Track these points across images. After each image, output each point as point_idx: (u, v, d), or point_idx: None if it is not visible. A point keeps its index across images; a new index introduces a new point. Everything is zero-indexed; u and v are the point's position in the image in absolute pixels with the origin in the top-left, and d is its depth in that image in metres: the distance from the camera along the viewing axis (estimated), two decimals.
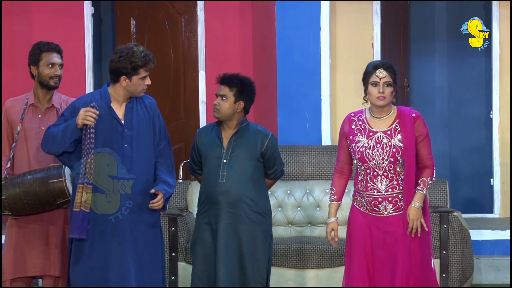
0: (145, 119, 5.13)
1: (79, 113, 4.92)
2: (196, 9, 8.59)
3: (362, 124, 4.95)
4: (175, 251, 6.55)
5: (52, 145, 5.01)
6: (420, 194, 4.83)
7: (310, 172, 7.14)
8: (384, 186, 4.86)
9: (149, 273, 5.12)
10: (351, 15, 8.15)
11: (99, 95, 5.11)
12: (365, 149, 4.88)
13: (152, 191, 5.05)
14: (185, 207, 6.98)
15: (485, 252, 7.37)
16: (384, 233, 4.87)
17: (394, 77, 4.89)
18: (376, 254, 4.88)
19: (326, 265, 6.54)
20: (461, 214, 6.75)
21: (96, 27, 8.91)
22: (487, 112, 8.68)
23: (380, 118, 4.92)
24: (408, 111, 4.90)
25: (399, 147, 4.82)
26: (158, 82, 8.68)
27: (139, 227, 5.07)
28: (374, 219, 4.88)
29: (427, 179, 4.86)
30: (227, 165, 5.28)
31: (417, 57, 9.80)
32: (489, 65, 8.48)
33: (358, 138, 4.92)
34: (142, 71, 5.03)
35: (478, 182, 9.25)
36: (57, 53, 5.47)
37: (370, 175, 4.88)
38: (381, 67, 4.88)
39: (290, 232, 7.01)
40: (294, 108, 7.75)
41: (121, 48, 5.08)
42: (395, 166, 4.84)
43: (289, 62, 7.78)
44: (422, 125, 4.88)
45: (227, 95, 5.29)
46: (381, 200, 4.86)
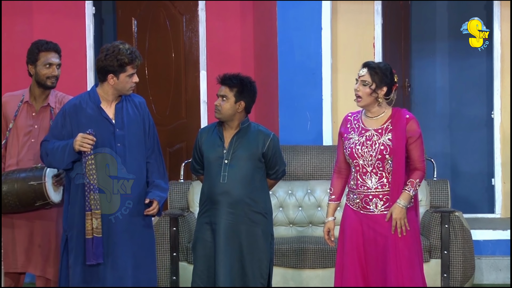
0: (136, 118, 5.14)
1: (76, 138, 4.94)
2: (197, 9, 8.59)
3: (356, 123, 5.01)
4: (176, 251, 6.55)
5: (52, 161, 5.05)
6: (406, 194, 4.86)
7: (311, 172, 7.14)
8: (373, 183, 4.91)
9: (146, 272, 5.13)
10: (352, 15, 8.15)
11: (88, 96, 5.11)
12: (355, 145, 4.95)
13: (147, 201, 5.09)
14: (186, 207, 6.98)
15: (487, 252, 7.37)
16: (375, 232, 4.91)
17: (377, 78, 4.90)
18: (367, 252, 4.93)
19: (327, 265, 6.54)
20: (463, 214, 6.75)
21: (97, 27, 8.90)
22: (488, 112, 8.67)
23: (372, 118, 4.97)
24: (402, 112, 4.94)
25: (387, 145, 4.87)
26: (159, 82, 8.70)
27: (134, 225, 5.09)
28: (365, 218, 4.93)
29: (415, 181, 4.89)
30: (228, 165, 5.27)
31: (418, 57, 9.80)
32: (490, 65, 8.48)
33: (351, 135, 4.99)
34: (129, 68, 5.04)
35: (479, 182, 9.24)
36: (55, 52, 5.46)
37: (360, 172, 4.94)
38: (365, 67, 4.94)
39: (291, 232, 7.02)
40: (295, 108, 7.75)
41: (107, 46, 5.09)
42: (384, 163, 4.88)
43: (290, 62, 7.78)
44: (414, 127, 4.91)
45: (228, 95, 5.28)
46: (371, 197, 4.91)
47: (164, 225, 6.58)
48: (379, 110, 4.96)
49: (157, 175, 5.19)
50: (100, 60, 5.05)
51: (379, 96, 4.91)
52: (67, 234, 5.08)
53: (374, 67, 4.93)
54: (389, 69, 4.96)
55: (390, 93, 4.94)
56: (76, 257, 5.01)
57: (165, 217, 6.57)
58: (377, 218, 4.90)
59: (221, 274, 5.21)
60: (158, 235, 6.58)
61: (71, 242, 5.05)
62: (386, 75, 4.92)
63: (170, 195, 6.98)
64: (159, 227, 6.60)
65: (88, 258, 4.94)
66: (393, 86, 4.95)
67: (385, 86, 4.91)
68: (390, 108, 4.99)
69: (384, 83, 4.91)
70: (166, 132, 8.60)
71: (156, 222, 6.59)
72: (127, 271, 5.05)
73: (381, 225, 4.88)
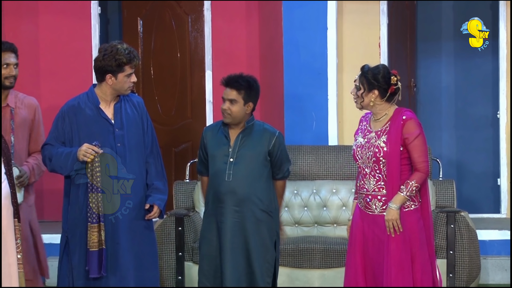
0: (134, 118, 5.16)
1: (81, 147, 4.96)
2: (203, 9, 8.59)
3: (365, 125, 5.05)
4: (182, 251, 6.55)
5: (55, 167, 5.05)
6: (399, 196, 4.85)
7: (316, 172, 7.14)
8: (371, 185, 4.93)
9: (148, 272, 5.15)
10: (357, 15, 8.14)
11: (86, 97, 5.12)
12: (357, 147, 4.99)
13: (147, 206, 5.11)
14: (192, 207, 6.99)
15: (492, 252, 7.36)
16: (373, 233, 4.93)
17: (366, 83, 4.91)
18: (366, 251, 4.95)
19: (333, 265, 6.54)
20: (468, 214, 6.74)
21: (103, 27, 8.91)
22: (494, 112, 8.66)
23: (376, 120, 4.99)
24: (401, 113, 4.91)
25: (381, 147, 4.87)
26: (164, 82, 8.70)
27: (135, 225, 5.11)
28: (367, 217, 4.96)
29: (412, 182, 4.85)
30: (234, 163, 5.27)
31: (424, 57, 9.79)
32: (496, 65, 8.47)
33: (357, 137, 5.04)
34: (127, 68, 5.05)
35: (485, 182, 9.23)
36: (12, 52, 5.44)
37: (362, 174, 4.98)
38: (360, 70, 4.97)
39: (297, 232, 7.01)
40: (301, 108, 7.74)
41: (104, 46, 5.10)
42: (380, 166, 4.89)
43: (296, 62, 7.77)
44: (412, 127, 4.87)
45: (236, 99, 5.26)
46: (371, 197, 4.94)
47: (170, 225, 6.59)
48: (381, 112, 4.96)
49: (155, 177, 5.20)
50: (98, 60, 5.05)
51: (371, 99, 4.91)
52: (67, 235, 5.08)
53: (365, 71, 4.95)
54: (382, 72, 4.93)
55: (384, 96, 4.93)
56: (80, 259, 5.02)
57: (170, 217, 6.58)
58: (377, 218, 4.92)
59: (228, 273, 5.21)
60: (163, 235, 6.58)
61: (72, 243, 5.05)
62: (377, 79, 4.91)
63: (175, 195, 6.99)
64: (164, 227, 6.60)
65: (92, 272, 4.95)
66: (389, 88, 4.93)
67: (376, 89, 4.90)
68: (393, 109, 4.97)
69: (373, 87, 4.90)
70: (171, 132, 8.61)
71: (162, 222, 6.60)
72: (130, 272, 5.06)
73: (379, 225, 4.90)
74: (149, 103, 8.76)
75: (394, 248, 4.84)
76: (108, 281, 5.02)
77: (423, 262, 4.89)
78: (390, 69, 5.03)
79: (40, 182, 7.71)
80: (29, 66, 8.35)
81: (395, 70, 5.03)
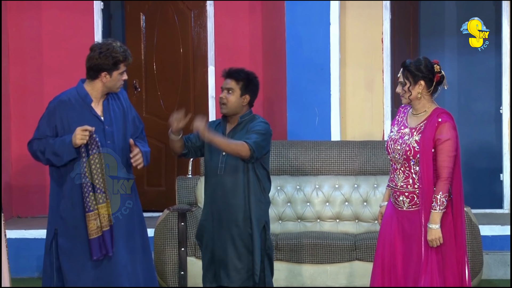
0: (120, 114, 5.19)
1: (76, 133, 4.94)
2: (206, 5, 8.60)
3: (403, 117, 4.99)
4: (184, 246, 6.56)
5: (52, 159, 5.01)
6: (434, 213, 4.75)
7: (319, 167, 7.14)
8: (400, 181, 4.89)
9: (145, 268, 5.19)
10: (360, 10, 8.14)
11: (76, 93, 5.11)
12: (390, 140, 4.95)
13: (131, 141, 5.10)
14: (195, 202, 6.99)
15: (495, 247, 7.36)
16: (403, 229, 4.89)
17: (412, 73, 4.84)
18: (396, 245, 4.91)
19: (335, 260, 6.54)
20: (471, 210, 6.74)
21: (106, 22, 8.92)
22: (497, 108, 8.66)
23: (414, 115, 4.92)
24: (438, 114, 4.83)
25: (412, 147, 4.82)
26: (167, 77, 8.71)
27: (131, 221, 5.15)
28: (397, 212, 4.93)
29: (439, 196, 4.74)
30: (226, 156, 5.37)
31: (427, 53, 9.78)
32: (499, 61, 8.47)
33: (393, 128, 4.99)
34: (122, 66, 5.08)
35: (487, 178, 9.23)
36: None
37: (392, 167, 4.95)
38: (401, 67, 4.90)
39: (299, 227, 7.02)
40: (304, 104, 7.75)
41: (98, 44, 5.11)
42: (410, 163, 4.84)
43: (299, 57, 7.78)
44: (444, 131, 4.79)
45: (234, 88, 5.37)
46: (399, 193, 4.89)
47: (172, 220, 6.60)
48: (421, 108, 4.88)
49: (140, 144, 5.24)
50: (94, 58, 5.04)
51: (418, 92, 4.84)
52: (56, 228, 5.06)
53: (407, 65, 4.88)
54: (424, 62, 4.89)
55: (431, 86, 4.87)
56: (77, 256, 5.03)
57: (173, 212, 6.59)
58: (405, 214, 4.88)
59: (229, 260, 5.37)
60: (166, 230, 6.59)
61: (61, 237, 5.02)
62: (420, 69, 4.85)
63: (178, 190, 7.00)
64: (167, 222, 6.61)
65: (95, 253, 4.96)
66: (434, 77, 4.87)
67: (421, 80, 4.85)
68: (432, 107, 4.89)
69: (418, 78, 4.84)
70: None
71: (164, 217, 6.61)
72: (127, 268, 5.09)
73: (408, 221, 4.86)
74: (151, 98, 8.78)
75: (415, 248, 4.80)
76: (105, 279, 5.04)
77: (451, 263, 4.83)
78: (394, 67, 5.00)
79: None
80: (32, 62, 8.37)
81: (436, 60, 4.98)
